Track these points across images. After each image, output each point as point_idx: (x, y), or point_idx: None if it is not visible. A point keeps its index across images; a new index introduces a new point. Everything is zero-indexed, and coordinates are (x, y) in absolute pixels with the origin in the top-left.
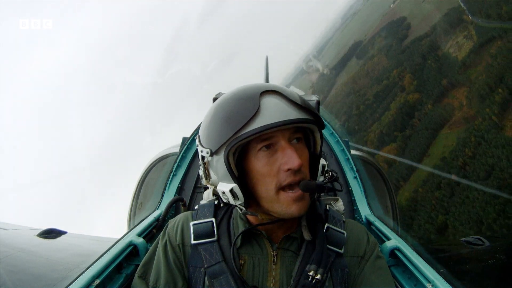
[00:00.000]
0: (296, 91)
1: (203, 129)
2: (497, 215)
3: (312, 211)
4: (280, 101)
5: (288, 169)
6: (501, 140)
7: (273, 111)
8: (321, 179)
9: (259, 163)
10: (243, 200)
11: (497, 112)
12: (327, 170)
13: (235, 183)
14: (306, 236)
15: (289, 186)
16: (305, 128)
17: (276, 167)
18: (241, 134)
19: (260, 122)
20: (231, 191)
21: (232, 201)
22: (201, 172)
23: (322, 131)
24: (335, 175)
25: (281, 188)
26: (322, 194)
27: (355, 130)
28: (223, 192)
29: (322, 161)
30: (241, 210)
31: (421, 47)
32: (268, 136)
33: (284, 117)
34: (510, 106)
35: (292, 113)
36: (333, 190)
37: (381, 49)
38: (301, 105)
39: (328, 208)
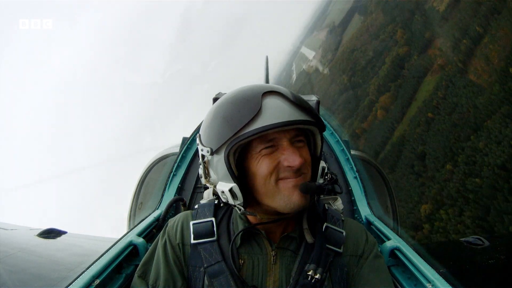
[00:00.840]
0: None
1: (204, 128)
2: (455, 140)
3: (312, 212)
4: (281, 102)
5: (288, 166)
6: (464, 82)
7: (275, 112)
8: (320, 181)
9: (260, 163)
10: (242, 200)
11: (462, 59)
12: (327, 173)
13: (234, 183)
14: (309, 239)
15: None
16: (306, 130)
17: (275, 163)
18: (242, 134)
19: (261, 122)
20: (231, 190)
21: (231, 201)
22: (200, 171)
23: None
24: (334, 177)
25: (280, 179)
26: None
27: (360, 83)
28: (222, 192)
29: (322, 164)
30: (239, 210)
31: (410, 2)
32: (270, 138)
33: (285, 118)
34: (473, 53)
35: (294, 114)
36: (332, 192)
37: (378, 4)
38: (302, 106)
39: (327, 207)
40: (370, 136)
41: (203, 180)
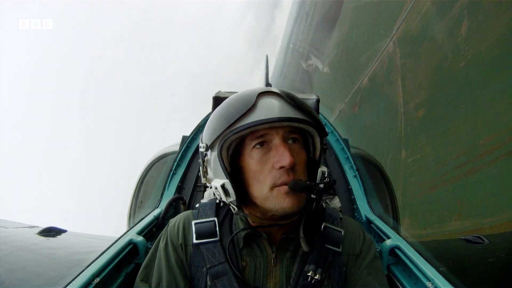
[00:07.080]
0: None
1: (205, 127)
2: None
3: (309, 222)
4: (277, 101)
5: (281, 167)
6: None
7: (268, 109)
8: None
9: (253, 160)
10: (234, 198)
11: None
12: (326, 177)
13: (226, 178)
14: (304, 248)
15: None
16: (304, 131)
17: (269, 165)
18: (233, 128)
19: (253, 118)
20: (223, 186)
21: (223, 198)
22: (201, 169)
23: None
24: (332, 181)
25: (275, 186)
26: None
27: None
28: (216, 188)
29: (323, 168)
30: (234, 209)
31: None
32: (262, 133)
33: (277, 114)
34: None
35: (286, 112)
36: (325, 193)
37: None
38: (298, 106)
39: (324, 206)
40: None
41: (203, 179)
